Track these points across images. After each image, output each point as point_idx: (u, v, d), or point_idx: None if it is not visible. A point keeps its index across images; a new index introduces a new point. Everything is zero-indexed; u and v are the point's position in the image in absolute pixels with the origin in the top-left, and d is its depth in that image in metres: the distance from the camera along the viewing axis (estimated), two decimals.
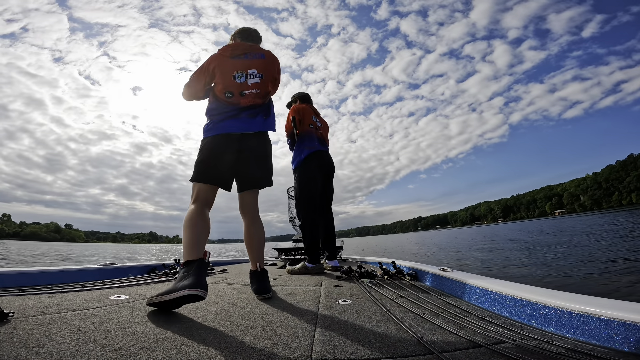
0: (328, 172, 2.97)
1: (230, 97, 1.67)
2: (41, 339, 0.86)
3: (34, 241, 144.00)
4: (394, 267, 2.37)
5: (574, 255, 6.51)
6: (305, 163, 2.84)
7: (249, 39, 1.87)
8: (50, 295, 1.46)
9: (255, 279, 1.66)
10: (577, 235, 11.73)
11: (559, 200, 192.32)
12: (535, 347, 0.83)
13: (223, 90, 1.67)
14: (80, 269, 2.07)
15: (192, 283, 1.18)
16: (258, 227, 1.76)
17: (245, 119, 1.67)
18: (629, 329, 0.82)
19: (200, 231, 1.44)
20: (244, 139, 1.66)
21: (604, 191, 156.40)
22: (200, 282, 1.21)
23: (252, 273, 1.70)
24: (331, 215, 3.02)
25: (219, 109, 1.67)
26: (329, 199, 3.03)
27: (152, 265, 2.67)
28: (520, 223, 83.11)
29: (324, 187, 2.95)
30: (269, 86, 1.78)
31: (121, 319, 1.11)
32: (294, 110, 2.93)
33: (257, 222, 1.77)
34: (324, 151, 2.97)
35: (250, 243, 1.74)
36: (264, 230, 1.79)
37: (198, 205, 1.55)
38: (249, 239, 1.74)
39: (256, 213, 1.79)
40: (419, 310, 1.24)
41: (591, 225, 17.23)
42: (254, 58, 1.73)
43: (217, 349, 0.84)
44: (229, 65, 1.68)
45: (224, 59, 1.68)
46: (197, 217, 1.49)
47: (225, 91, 1.67)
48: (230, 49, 1.72)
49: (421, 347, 0.86)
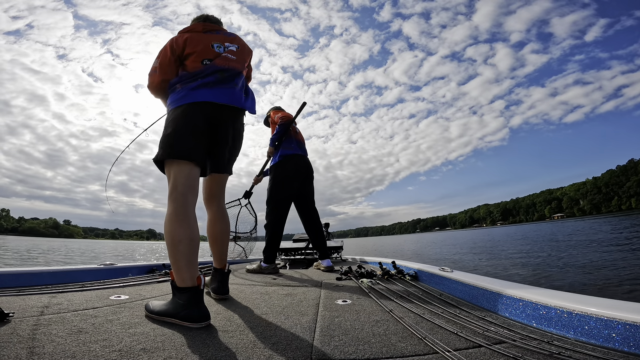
0: (306, 175, 2.95)
1: (207, 63, 1.45)
2: (41, 339, 0.86)
3: (31, 237, 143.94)
4: (394, 267, 2.37)
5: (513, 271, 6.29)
6: (282, 164, 2.83)
7: (211, 22, 1.67)
8: (50, 295, 1.46)
9: (218, 278, 1.57)
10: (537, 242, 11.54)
11: (559, 204, 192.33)
12: (535, 347, 0.83)
13: (198, 59, 1.44)
14: (80, 269, 2.07)
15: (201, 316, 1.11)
16: (226, 220, 1.61)
17: (226, 90, 1.44)
18: (629, 329, 0.82)
19: (195, 243, 1.21)
20: (228, 113, 1.44)
21: (604, 196, 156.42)
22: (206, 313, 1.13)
23: (217, 271, 1.59)
24: (316, 215, 2.99)
25: (195, 74, 1.41)
26: (311, 200, 3.00)
27: (152, 265, 2.67)
28: (519, 226, 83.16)
29: (303, 189, 2.93)
30: (247, 58, 1.62)
31: (121, 319, 1.11)
32: (284, 113, 2.95)
33: (225, 214, 1.61)
34: (303, 155, 2.96)
35: (218, 239, 1.57)
36: (229, 224, 1.65)
37: (183, 198, 1.24)
38: (216, 234, 1.56)
39: (224, 204, 1.63)
40: (419, 310, 1.24)
41: (570, 232, 17.14)
42: (226, 35, 1.59)
43: (217, 349, 0.84)
44: (203, 37, 1.51)
45: (195, 35, 1.51)
46: (186, 221, 1.22)
47: (202, 59, 1.44)
48: (200, 26, 1.56)
49: (421, 347, 0.86)
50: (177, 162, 1.29)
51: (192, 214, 1.26)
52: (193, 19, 1.69)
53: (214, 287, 1.57)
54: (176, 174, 1.27)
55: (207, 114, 1.37)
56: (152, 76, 1.48)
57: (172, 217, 1.21)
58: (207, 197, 1.59)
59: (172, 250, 1.17)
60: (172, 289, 1.19)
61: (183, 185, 1.26)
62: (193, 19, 1.69)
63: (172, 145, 1.29)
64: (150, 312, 1.18)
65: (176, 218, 1.20)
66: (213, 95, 1.39)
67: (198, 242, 1.23)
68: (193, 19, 1.69)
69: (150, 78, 1.49)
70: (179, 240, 1.17)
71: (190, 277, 1.15)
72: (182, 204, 1.23)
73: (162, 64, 1.45)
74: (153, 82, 1.48)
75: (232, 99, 1.44)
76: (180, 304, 1.13)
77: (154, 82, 1.48)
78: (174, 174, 1.27)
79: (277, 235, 2.78)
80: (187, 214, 1.23)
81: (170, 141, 1.30)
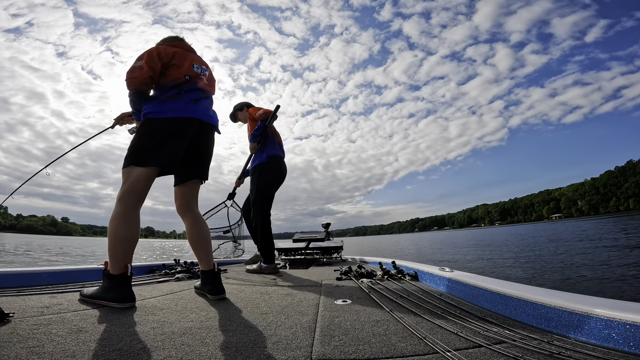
0: (282, 179, 2.95)
1: (188, 79, 1.61)
2: (41, 339, 0.86)
3: (29, 234, 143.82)
4: (394, 267, 2.37)
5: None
6: (269, 165, 2.80)
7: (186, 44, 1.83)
8: (50, 295, 1.46)
9: (210, 280, 1.59)
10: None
11: (557, 204, 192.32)
12: (535, 347, 0.83)
13: (182, 73, 1.59)
14: (80, 269, 2.07)
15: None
16: (204, 223, 1.71)
17: (203, 109, 1.63)
18: (629, 329, 0.82)
19: (135, 242, 1.40)
20: (206, 129, 1.64)
21: (602, 196, 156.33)
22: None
23: (206, 273, 1.62)
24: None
25: (177, 85, 1.57)
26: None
27: (152, 265, 2.67)
28: (516, 226, 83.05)
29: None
30: (214, 84, 1.81)
31: (121, 319, 1.11)
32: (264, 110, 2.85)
33: (201, 217, 1.72)
34: (283, 157, 2.95)
35: (201, 242, 1.65)
36: (207, 226, 1.75)
37: (137, 200, 1.43)
38: (199, 238, 1.65)
39: (197, 208, 1.74)
40: (419, 310, 1.24)
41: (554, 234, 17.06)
42: (201, 59, 1.75)
43: (217, 349, 0.84)
44: (188, 55, 1.66)
45: (182, 51, 1.66)
46: (134, 219, 1.40)
47: (184, 74, 1.60)
48: (185, 45, 1.71)
49: (421, 347, 0.86)
50: (153, 168, 1.46)
51: (138, 215, 1.44)
52: (166, 38, 1.77)
53: (209, 289, 1.57)
54: (137, 178, 1.42)
55: (194, 128, 1.57)
56: (137, 72, 1.51)
57: (119, 216, 1.37)
58: (183, 203, 1.69)
59: (113, 244, 1.34)
60: (103, 276, 1.37)
61: (141, 189, 1.43)
62: (166, 38, 1.77)
63: (144, 153, 1.45)
64: (83, 296, 1.38)
65: (123, 218, 1.37)
66: (200, 113, 1.59)
67: (137, 240, 1.41)
68: (166, 38, 1.77)
69: (134, 74, 1.51)
70: (122, 237, 1.35)
71: (121, 267, 1.34)
72: (135, 202, 1.42)
73: (149, 64, 1.52)
74: (140, 77, 1.51)
75: (213, 119, 1.68)
76: (108, 287, 1.33)
77: (140, 78, 1.51)
78: (135, 177, 1.42)
79: (271, 235, 2.75)
80: (134, 215, 1.41)
81: (145, 149, 1.45)
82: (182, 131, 1.52)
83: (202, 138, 1.64)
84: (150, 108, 1.53)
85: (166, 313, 1.22)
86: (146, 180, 1.45)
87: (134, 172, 1.43)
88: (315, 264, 3.39)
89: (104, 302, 1.30)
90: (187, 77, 1.60)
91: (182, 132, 1.53)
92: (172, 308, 1.32)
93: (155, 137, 1.47)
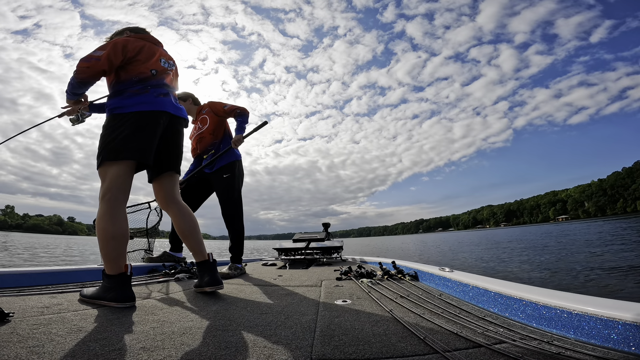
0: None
1: (155, 74, 1.58)
2: (41, 339, 0.86)
3: (35, 233, 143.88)
4: (394, 267, 2.37)
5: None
6: (240, 162, 2.75)
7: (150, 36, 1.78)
8: (50, 295, 1.46)
9: (206, 271, 1.56)
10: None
11: (563, 206, 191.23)
12: (535, 347, 0.83)
13: (148, 68, 1.56)
14: (80, 269, 2.07)
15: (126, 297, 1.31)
16: (190, 213, 1.67)
17: (172, 102, 1.60)
18: (629, 329, 0.81)
19: (126, 239, 1.38)
20: (178, 122, 1.63)
21: (609, 198, 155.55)
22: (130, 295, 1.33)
23: (201, 264, 1.59)
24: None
25: (143, 79, 1.53)
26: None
27: (153, 266, 2.67)
28: (521, 228, 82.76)
29: None
30: (177, 79, 1.79)
31: (121, 318, 1.11)
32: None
33: (186, 208, 1.67)
34: None
35: (190, 233, 1.62)
36: (195, 216, 1.70)
37: (120, 196, 1.39)
38: (188, 229, 1.62)
39: (180, 198, 1.69)
40: (419, 310, 1.24)
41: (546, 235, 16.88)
42: (167, 52, 1.72)
43: (217, 349, 0.84)
44: (155, 49, 1.63)
45: (151, 45, 1.63)
46: (120, 217, 1.37)
47: (150, 69, 1.57)
48: (152, 38, 1.69)
49: (421, 347, 0.86)
50: (128, 162, 1.42)
51: (124, 212, 1.43)
52: (132, 28, 1.72)
53: (206, 281, 1.55)
54: (115, 174, 1.40)
55: (164, 121, 1.55)
56: (93, 62, 1.44)
57: (104, 215, 1.35)
58: (166, 196, 1.65)
59: (104, 244, 1.33)
60: (103, 276, 1.36)
61: (122, 184, 1.41)
62: (132, 28, 1.72)
63: (122, 147, 1.40)
64: (83, 296, 1.36)
65: (109, 216, 1.35)
66: (172, 108, 1.58)
67: (128, 238, 1.40)
68: (132, 28, 1.72)
69: (88, 63, 1.44)
70: (112, 236, 1.33)
71: (118, 266, 1.33)
72: (122, 198, 1.41)
73: (110, 58, 1.46)
74: (93, 67, 1.44)
75: (183, 112, 1.66)
76: (108, 287, 1.31)
77: (93, 69, 1.45)
78: (112, 173, 1.39)
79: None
80: (120, 212, 1.39)
81: (121, 144, 1.40)
82: (152, 124, 1.48)
83: (173, 131, 1.61)
84: (116, 103, 1.48)
85: (166, 313, 1.22)
86: (125, 176, 1.41)
87: (110, 170, 1.39)
88: (315, 264, 3.39)
89: (104, 302, 1.29)
90: (153, 72, 1.57)
91: (153, 125, 1.48)
92: (172, 308, 1.31)
93: (124, 131, 1.41)
